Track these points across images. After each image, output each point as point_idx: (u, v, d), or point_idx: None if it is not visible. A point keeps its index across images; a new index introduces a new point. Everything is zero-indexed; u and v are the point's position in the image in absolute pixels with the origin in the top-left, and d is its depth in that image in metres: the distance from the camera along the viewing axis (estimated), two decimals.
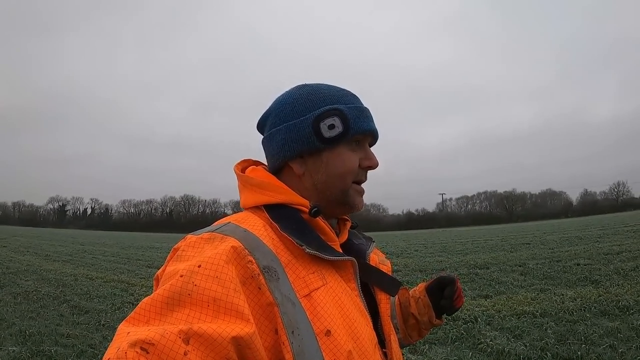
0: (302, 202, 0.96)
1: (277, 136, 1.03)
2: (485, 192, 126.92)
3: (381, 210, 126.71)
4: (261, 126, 1.12)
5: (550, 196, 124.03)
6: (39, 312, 8.29)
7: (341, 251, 0.99)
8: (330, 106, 1.01)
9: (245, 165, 1.10)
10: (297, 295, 0.82)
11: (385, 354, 1.01)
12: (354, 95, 1.08)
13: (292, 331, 0.77)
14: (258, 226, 0.89)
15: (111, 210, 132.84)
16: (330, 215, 1.05)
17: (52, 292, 10.36)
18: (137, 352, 0.62)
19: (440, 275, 1.37)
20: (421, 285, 1.40)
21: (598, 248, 14.83)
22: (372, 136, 1.07)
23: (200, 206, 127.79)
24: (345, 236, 1.08)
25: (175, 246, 0.86)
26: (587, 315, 6.53)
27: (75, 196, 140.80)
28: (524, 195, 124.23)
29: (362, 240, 1.15)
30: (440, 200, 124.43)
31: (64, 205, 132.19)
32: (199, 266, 0.75)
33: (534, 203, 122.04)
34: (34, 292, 10.28)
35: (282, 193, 0.98)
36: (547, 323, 6.27)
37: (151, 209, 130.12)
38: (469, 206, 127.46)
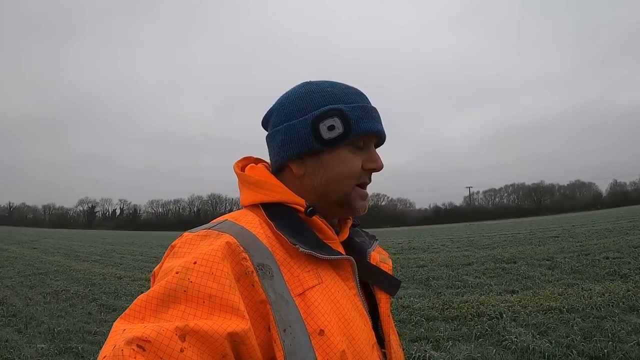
0: (297, 201, 0.95)
1: (277, 136, 1.02)
2: (512, 185, 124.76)
3: (408, 205, 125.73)
4: (265, 123, 1.10)
5: (579, 187, 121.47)
6: (68, 311, 8.49)
7: (341, 249, 0.98)
8: (331, 106, 0.97)
9: (245, 163, 1.09)
10: (291, 294, 0.81)
11: (384, 355, 0.99)
12: (360, 94, 1.04)
13: (284, 329, 0.77)
14: (254, 224, 0.89)
15: (139, 210, 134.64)
16: (331, 217, 1.03)
17: (81, 291, 10.59)
18: (133, 350, 0.62)
19: None
20: None
21: (628, 241, 14.48)
22: (377, 137, 1.02)
23: (227, 204, 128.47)
24: (346, 234, 1.06)
25: (172, 243, 0.86)
26: (615, 311, 6.39)
27: (104, 197, 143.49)
28: (552, 187, 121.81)
29: (364, 239, 1.13)
30: (467, 193, 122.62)
31: (93, 207, 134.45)
32: (195, 263, 0.75)
33: (562, 195, 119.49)
34: (63, 292, 10.52)
35: (278, 192, 0.97)
36: (574, 319, 6.15)
37: (179, 208, 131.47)
38: (497, 199, 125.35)
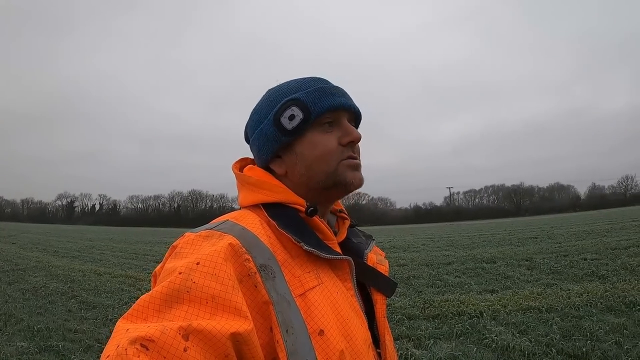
0: (298, 202, 0.96)
1: (254, 144, 1.05)
2: (493, 186, 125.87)
3: (389, 204, 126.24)
4: (246, 139, 1.13)
5: (559, 190, 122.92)
6: (47, 308, 8.34)
7: (339, 250, 0.98)
8: (286, 98, 1.00)
9: (243, 164, 1.09)
10: (292, 294, 0.82)
11: (379, 355, 1.00)
12: (318, 79, 1.05)
13: (287, 330, 0.77)
14: (255, 224, 0.89)
15: (119, 206, 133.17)
16: (330, 204, 1.04)
17: (61, 288, 10.42)
18: (137, 349, 0.61)
19: None
20: None
21: (605, 243, 14.75)
22: (346, 111, 1.02)
23: (207, 201, 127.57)
24: (343, 235, 1.07)
25: (174, 243, 0.86)
26: (593, 311, 6.51)
27: (83, 192, 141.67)
28: (531, 189, 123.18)
29: (362, 239, 1.13)
30: (448, 193, 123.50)
31: (72, 202, 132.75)
32: (198, 263, 0.75)
33: (541, 197, 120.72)
34: (43, 288, 10.34)
35: (279, 192, 0.97)
36: (553, 319, 6.26)
37: (159, 204, 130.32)
38: (477, 200, 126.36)
